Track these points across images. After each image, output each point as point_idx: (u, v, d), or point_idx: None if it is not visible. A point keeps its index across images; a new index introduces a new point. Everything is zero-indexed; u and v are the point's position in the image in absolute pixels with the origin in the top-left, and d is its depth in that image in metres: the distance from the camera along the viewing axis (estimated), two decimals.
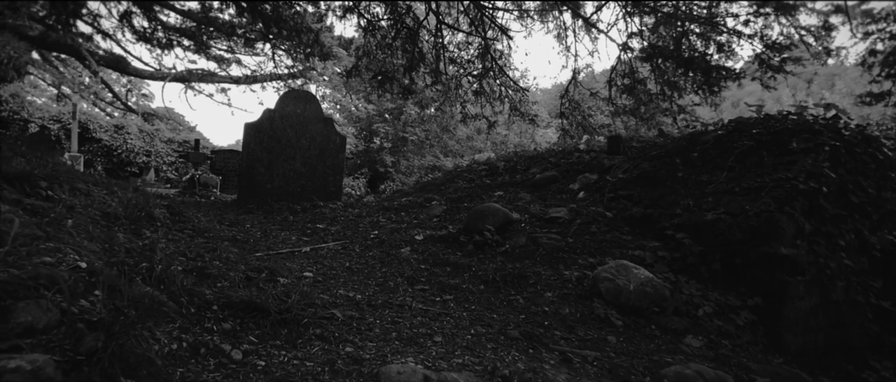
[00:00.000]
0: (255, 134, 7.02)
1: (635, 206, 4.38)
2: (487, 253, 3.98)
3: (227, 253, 3.21)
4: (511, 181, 5.63)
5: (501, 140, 19.51)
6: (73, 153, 13.98)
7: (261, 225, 4.72)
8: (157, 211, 3.78)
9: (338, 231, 4.61)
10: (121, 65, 21.92)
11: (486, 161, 7.01)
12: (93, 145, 15.36)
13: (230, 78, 22.18)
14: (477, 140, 19.29)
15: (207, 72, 21.87)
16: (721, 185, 4.01)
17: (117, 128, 15.84)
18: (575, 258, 3.89)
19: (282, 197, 6.96)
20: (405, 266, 3.64)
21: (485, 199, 5.37)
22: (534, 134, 19.16)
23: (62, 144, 13.42)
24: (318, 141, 7.23)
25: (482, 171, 6.40)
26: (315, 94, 7.48)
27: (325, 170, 7.26)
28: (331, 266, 3.50)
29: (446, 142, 18.70)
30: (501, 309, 3.07)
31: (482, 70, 11.96)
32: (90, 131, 15.35)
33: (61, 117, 15.01)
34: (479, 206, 4.42)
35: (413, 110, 17.65)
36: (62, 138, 14.04)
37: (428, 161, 18.16)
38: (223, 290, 2.50)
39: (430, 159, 18.17)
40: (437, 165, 18.10)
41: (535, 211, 4.69)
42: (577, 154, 5.54)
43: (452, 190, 5.92)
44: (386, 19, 11.45)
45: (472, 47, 11.65)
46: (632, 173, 4.67)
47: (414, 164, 18.17)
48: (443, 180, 6.75)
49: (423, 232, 4.45)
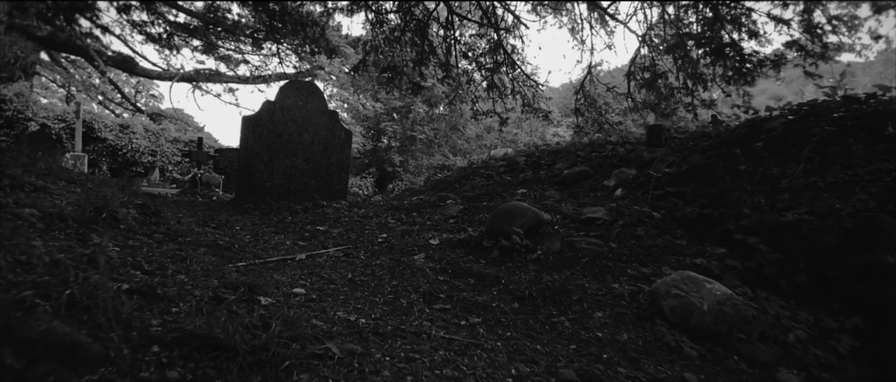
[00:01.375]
0: (254, 128, 6.36)
1: (688, 205, 3.64)
2: (516, 261, 3.27)
3: (200, 264, 2.52)
4: (534, 177, 4.91)
5: (512, 138, 18.76)
6: (77, 152, 13.42)
7: (253, 227, 4.03)
8: (124, 211, 3.10)
9: (340, 234, 3.92)
10: (129, 65, 21.45)
11: (504, 156, 6.29)
12: (97, 145, 14.82)
13: (237, 77, 21.62)
14: (487, 138, 18.55)
15: (215, 72, 21.32)
16: (798, 180, 3.26)
17: (122, 128, 15.30)
18: (623, 267, 3.16)
19: (282, 197, 6.29)
20: (420, 277, 2.93)
21: (506, 198, 4.66)
22: (545, 132, 18.40)
23: (63, 144, 12.86)
24: (322, 136, 6.55)
25: (500, 168, 5.68)
26: (318, 87, 6.80)
27: (330, 166, 6.58)
28: (329, 278, 2.80)
29: (455, 140, 17.99)
30: (544, 336, 2.36)
31: (494, 64, 11.25)
32: (95, 131, 14.82)
33: (66, 116, 14.47)
34: (505, 205, 3.70)
35: (421, 108, 16.97)
36: (64, 137, 13.49)
37: (437, 160, 17.45)
38: (177, 319, 1.81)
39: (440, 158, 17.46)
40: (447, 164, 17.39)
41: (567, 211, 3.96)
42: (610, 147, 4.81)
43: (468, 188, 5.21)
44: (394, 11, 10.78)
45: (484, 40, 10.93)
46: (680, 167, 3.94)
47: (422, 164, 17.48)
48: (457, 177, 6.05)
49: (438, 236, 3.74)
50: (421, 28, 10.45)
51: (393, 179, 16.72)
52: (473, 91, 11.73)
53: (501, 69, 11.32)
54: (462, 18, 10.35)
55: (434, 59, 10.49)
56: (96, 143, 14.76)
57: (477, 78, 11.47)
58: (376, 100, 17.32)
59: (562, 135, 19.01)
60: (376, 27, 10.96)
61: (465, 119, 18.03)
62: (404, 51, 10.74)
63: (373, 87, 17.71)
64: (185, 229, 3.32)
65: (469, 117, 13.73)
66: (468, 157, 18.23)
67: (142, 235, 2.85)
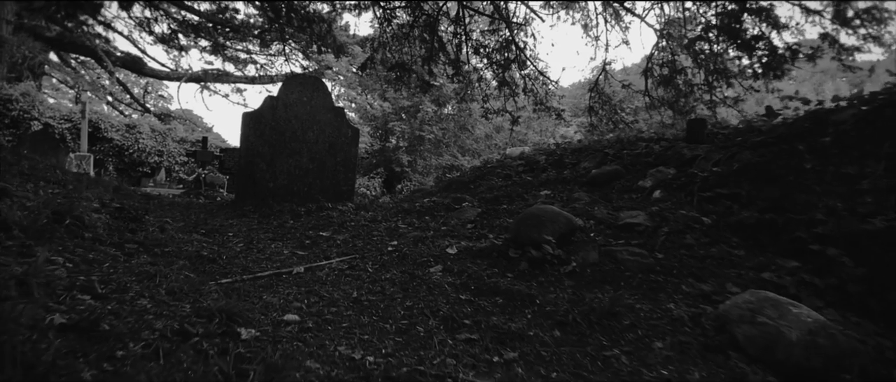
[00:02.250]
0: (255, 125, 5.89)
1: (744, 209, 3.11)
2: (549, 275, 2.75)
3: (173, 283, 2.04)
4: (558, 178, 4.40)
5: (521, 138, 18.22)
6: (83, 153, 13.07)
7: (248, 233, 3.55)
8: (95, 216, 2.63)
9: (346, 241, 3.42)
10: (137, 65, 21.15)
11: (521, 155, 5.77)
12: (104, 145, 14.46)
13: (245, 77, 21.26)
14: (496, 138, 18.03)
15: (223, 72, 20.97)
16: (881, 180, 2.73)
17: (129, 128, 14.94)
18: (676, 283, 2.64)
19: (285, 198, 5.82)
20: (438, 295, 2.43)
21: (529, 200, 4.15)
22: (555, 132, 17.84)
23: (67, 143, 12.50)
24: (328, 133, 6.07)
25: (519, 167, 5.17)
26: (324, 82, 6.32)
27: (336, 166, 6.10)
28: (331, 298, 2.30)
29: (464, 140, 17.48)
30: (597, 376, 1.84)
31: (505, 60, 10.73)
32: (101, 130, 14.46)
33: (72, 116, 14.12)
34: (531, 209, 3.19)
35: (430, 108, 16.48)
36: (68, 137, 13.13)
37: (445, 160, 16.96)
38: (120, 369, 1.32)
39: (448, 158, 16.96)
40: (455, 164, 16.89)
41: (601, 215, 3.44)
42: (643, 144, 4.28)
43: (485, 189, 4.71)
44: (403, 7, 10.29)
45: (495, 35, 10.41)
46: (730, 165, 3.42)
47: (431, 164, 16.99)
48: (471, 177, 5.54)
49: (456, 244, 3.24)
50: (430, 24, 9.96)
51: (401, 179, 16.25)
52: (484, 89, 11.22)
53: (513, 66, 10.81)
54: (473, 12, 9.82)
55: (444, 56, 10.00)
56: (103, 143, 14.40)
57: (488, 75, 10.97)
58: (384, 100, 16.85)
59: (572, 136, 18.44)
60: (385, 24, 10.48)
61: (474, 118, 17.52)
62: (413, 47, 10.26)
63: (381, 87, 17.24)
64: (167, 237, 2.85)
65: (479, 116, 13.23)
66: (478, 157, 17.71)
67: (110, 246, 2.38)
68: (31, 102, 13.86)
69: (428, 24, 9.92)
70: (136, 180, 14.85)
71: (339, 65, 16.75)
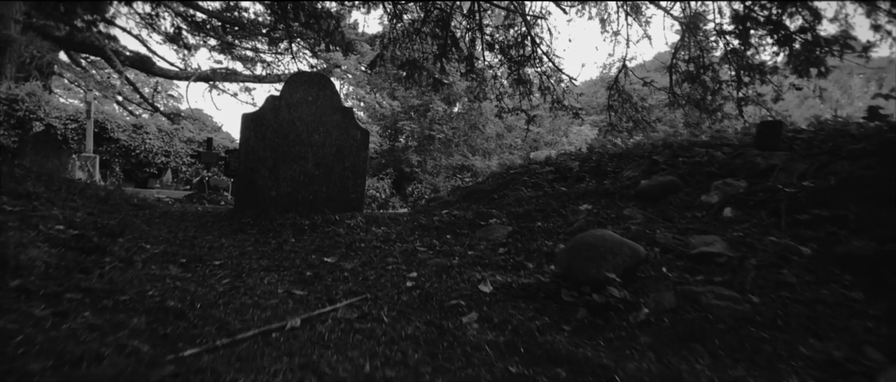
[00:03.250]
0: (256, 127, 5.26)
1: (855, 237, 2.41)
2: (617, 328, 2.08)
3: (109, 367, 1.39)
4: (599, 189, 3.71)
5: (534, 137, 17.48)
6: (88, 153, 12.55)
7: (238, 260, 2.91)
8: (33, 253, 1.99)
9: (355, 271, 2.77)
10: (146, 65, 20.63)
11: (548, 160, 5.08)
12: (110, 145, 13.94)
13: (253, 77, 20.66)
14: (508, 137, 17.31)
15: (231, 71, 20.39)
16: None
17: (136, 128, 14.40)
18: (789, 342, 1.96)
19: (289, 207, 5.18)
20: (479, 366, 1.76)
21: (568, 217, 3.47)
22: (568, 130, 17.09)
23: (69, 145, 11.96)
24: (335, 136, 5.42)
25: (548, 174, 4.48)
26: (330, 80, 5.66)
27: (344, 172, 5.45)
28: (336, 375, 1.65)
29: (475, 140, 16.78)
30: None
31: (521, 57, 10.01)
32: (108, 131, 13.94)
33: (78, 117, 13.61)
34: (585, 237, 2.51)
35: (440, 107, 15.79)
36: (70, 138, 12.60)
37: (456, 160, 16.27)
38: None
39: (459, 158, 16.27)
40: (466, 164, 16.21)
41: (665, 240, 2.75)
42: (701, 150, 3.56)
43: (513, 201, 4.03)
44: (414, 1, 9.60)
45: (511, 30, 9.69)
46: (825, 179, 2.72)
47: (441, 164, 16.32)
48: (493, 186, 4.86)
49: (489, 276, 2.57)
50: (443, 19, 9.27)
51: (411, 180, 15.60)
52: (498, 87, 10.51)
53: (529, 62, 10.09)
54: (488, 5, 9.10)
55: (456, 52, 9.30)
56: (109, 144, 13.88)
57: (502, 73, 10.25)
58: (393, 99, 16.18)
59: (587, 134, 17.66)
60: (394, 19, 9.81)
61: (486, 117, 16.81)
62: (424, 44, 9.58)
63: (390, 85, 16.58)
64: (132, 275, 2.21)
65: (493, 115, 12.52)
66: (489, 157, 17.01)
67: (41, 300, 1.74)
68: (37, 102, 13.36)
69: (440, 18, 9.22)
70: (142, 181, 14.33)
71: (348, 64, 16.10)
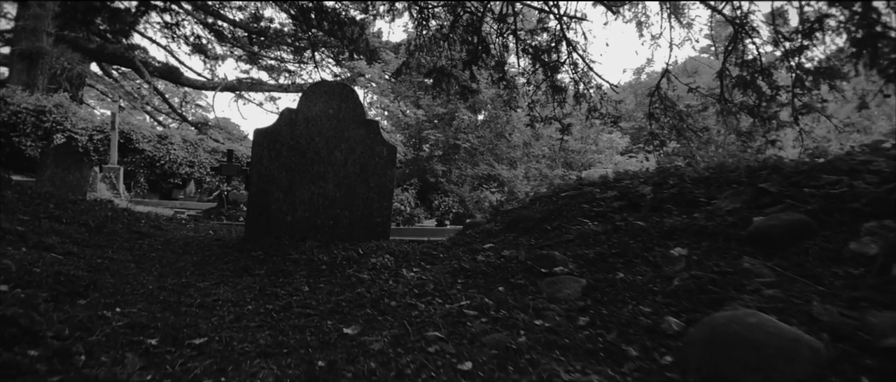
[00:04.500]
0: (270, 144, 4.54)
1: None
2: None
3: None
4: (690, 226, 2.83)
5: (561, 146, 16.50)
6: (112, 165, 12.19)
7: (230, 334, 2.15)
8: None
9: (384, 353, 1.98)
10: (174, 75, 20.49)
11: (608, 182, 4.19)
12: (135, 156, 13.60)
13: (278, 86, 20.30)
14: (535, 146, 16.39)
15: (256, 81, 20.08)
16: None
17: (161, 139, 14.05)
18: None
19: (306, 233, 4.45)
20: None
21: (657, 264, 2.60)
22: (597, 139, 16.06)
23: (90, 157, 11.60)
24: (359, 153, 4.67)
25: (612, 201, 3.62)
26: (354, 90, 4.91)
27: (368, 194, 4.69)
28: None
29: (501, 148, 15.91)
30: None
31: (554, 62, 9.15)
32: (133, 141, 13.61)
33: (104, 128, 13.33)
34: (730, 326, 1.66)
35: (466, 115, 15.00)
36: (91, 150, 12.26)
37: (481, 169, 15.43)
38: None
39: (484, 168, 15.43)
40: (492, 174, 15.34)
41: (830, 319, 1.86)
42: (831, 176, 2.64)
43: (576, 236, 3.19)
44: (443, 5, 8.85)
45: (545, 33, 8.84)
46: None
47: (466, 173, 15.50)
48: (543, 211, 4.01)
49: (581, 379, 1.74)
50: (473, 22, 8.49)
51: (435, 190, 14.83)
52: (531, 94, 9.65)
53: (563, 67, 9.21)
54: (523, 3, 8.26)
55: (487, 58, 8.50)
56: (134, 155, 13.55)
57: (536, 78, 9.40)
58: (418, 107, 15.47)
59: (618, 142, 16.61)
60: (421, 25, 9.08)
61: (512, 126, 15.94)
62: (453, 50, 8.83)
63: (414, 93, 15.88)
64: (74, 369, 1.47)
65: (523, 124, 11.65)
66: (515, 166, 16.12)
67: None
68: (64, 113, 13.12)
69: (470, 23, 8.44)
70: (167, 192, 13.95)
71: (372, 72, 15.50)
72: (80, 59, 16.82)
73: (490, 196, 14.66)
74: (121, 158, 13.20)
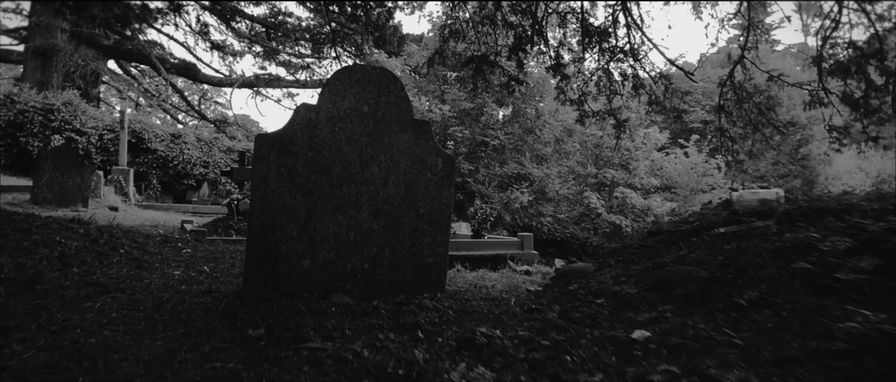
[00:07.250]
0: (278, 157, 2.98)
1: None
2: None
3: None
4: None
5: (595, 143, 14.77)
6: (122, 167, 10.85)
7: None
8: None
9: None
10: (191, 72, 19.12)
11: (771, 210, 2.54)
12: (147, 156, 12.27)
13: (297, 82, 18.80)
14: (567, 142, 14.69)
15: (274, 77, 18.60)
16: None
17: (174, 138, 12.69)
18: None
19: (331, 284, 2.93)
20: None
21: None
22: (633, 133, 14.28)
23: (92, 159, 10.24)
24: (404, 166, 3.12)
25: (839, 246, 2.05)
26: (398, 77, 3.30)
27: (417, 223, 3.14)
28: None
29: (532, 145, 14.25)
30: None
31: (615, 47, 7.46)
32: (145, 141, 12.27)
33: (114, 127, 12.02)
34: None
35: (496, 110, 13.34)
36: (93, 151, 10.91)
37: (511, 168, 13.81)
38: None
39: (514, 167, 13.80)
40: (523, 173, 13.70)
41: None
42: None
43: (793, 322, 1.64)
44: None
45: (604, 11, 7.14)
46: None
47: (494, 172, 13.90)
48: (710, 264, 2.40)
49: None
50: None
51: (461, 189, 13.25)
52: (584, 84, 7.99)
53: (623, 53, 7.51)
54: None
55: (540, 41, 6.87)
56: (146, 155, 12.21)
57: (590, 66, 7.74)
58: (443, 102, 13.86)
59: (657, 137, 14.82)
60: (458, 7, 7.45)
61: (543, 120, 14.24)
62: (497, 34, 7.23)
63: (439, 88, 14.26)
64: None
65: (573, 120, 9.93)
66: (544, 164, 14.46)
67: None
68: (73, 112, 11.81)
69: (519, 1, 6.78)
70: (180, 194, 12.62)
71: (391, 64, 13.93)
72: (95, 55, 15.49)
73: (520, 197, 13.05)
74: (132, 159, 11.88)
